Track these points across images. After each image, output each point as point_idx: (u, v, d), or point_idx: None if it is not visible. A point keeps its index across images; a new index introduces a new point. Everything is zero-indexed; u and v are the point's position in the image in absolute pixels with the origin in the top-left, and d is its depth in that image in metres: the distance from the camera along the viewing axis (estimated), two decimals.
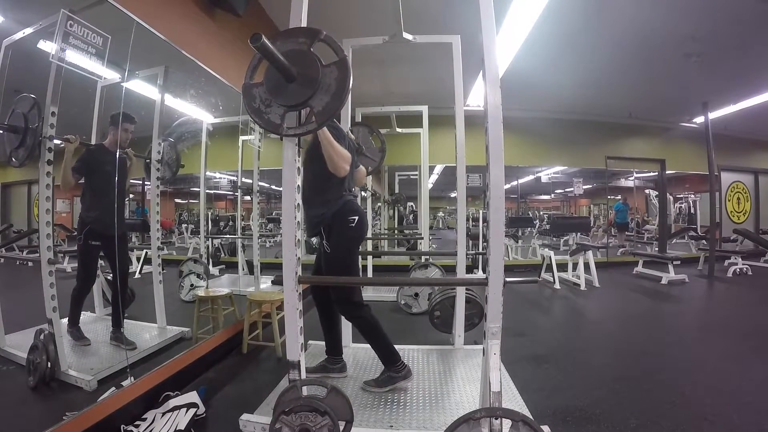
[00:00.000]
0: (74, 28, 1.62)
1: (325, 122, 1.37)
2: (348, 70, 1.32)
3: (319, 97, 1.32)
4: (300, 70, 1.32)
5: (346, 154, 1.77)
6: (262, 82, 1.38)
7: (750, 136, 7.86)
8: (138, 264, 3.41)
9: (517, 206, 12.51)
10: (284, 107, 1.36)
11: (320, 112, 1.33)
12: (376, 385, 1.93)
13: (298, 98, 1.33)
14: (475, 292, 2.62)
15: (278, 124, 1.36)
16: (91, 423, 1.55)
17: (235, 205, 6.18)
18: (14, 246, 2.35)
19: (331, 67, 1.33)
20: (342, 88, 1.31)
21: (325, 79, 1.32)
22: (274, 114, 1.37)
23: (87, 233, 1.90)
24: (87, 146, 2.12)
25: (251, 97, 1.40)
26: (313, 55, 1.34)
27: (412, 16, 2.41)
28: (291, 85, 1.33)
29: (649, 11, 3.49)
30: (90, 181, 2.09)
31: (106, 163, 2.16)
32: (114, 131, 2.16)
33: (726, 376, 2.27)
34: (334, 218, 1.88)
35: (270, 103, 1.37)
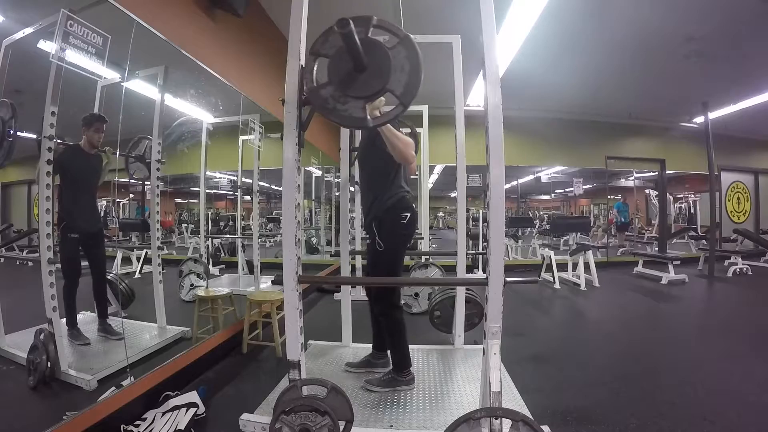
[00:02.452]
0: (74, 28, 1.62)
1: (410, 102, 1.32)
2: (415, 47, 1.29)
3: (396, 78, 1.29)
4: (368, 59, 1.29)
5: (410, 140, 1.75)
6: (329, 81, 1.34)
7: (750, 136, 7.86)
8: (138, 264, 3.41)
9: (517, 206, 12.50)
10: (362, 99, 1.32)
11: (403, 93, 1.29)
12: (377, 384, 1.94)
13: (375, 86, 1.30)
14: (475, 292, 2.62)
15: (362, 117, 1.33)
16: (91, 423, 1.55)
17: (235, 205, 6.18)
18: (14, 246, 2.35)
19: (397, 47, 1.31)
20: (416, 65, 1.28)
21: (396, 60, 1.29)
22: (353, 108, 1.33)
23: (64, 228, 1.95)
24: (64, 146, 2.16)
25: (322, 100, 1.36)
26: (375, 40, 1.32)
27: (412, 16, 2.42)
28: (362, 75, 1.30)
29: (649, 11, 3.49)
30: (66, 180, 2.14)
31: (81, 162, 2.24)
32: (86, 132, 2.23)
33: (726, 376, 2.26)
34: (387, 214, 1.88)
35: (345, 99, 1.33)
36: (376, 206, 1.90)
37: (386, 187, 1.90)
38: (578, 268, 5.05)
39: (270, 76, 3.41)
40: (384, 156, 1.81)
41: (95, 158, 2.29)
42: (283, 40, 3.56)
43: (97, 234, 2.44)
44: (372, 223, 1.91)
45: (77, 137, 2.24)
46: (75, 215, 2.17)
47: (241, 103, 3.21)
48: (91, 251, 2.44)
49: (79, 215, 2.22)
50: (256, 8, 3.27)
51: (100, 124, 2.25)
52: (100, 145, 2.26)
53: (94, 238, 2.41)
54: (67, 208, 2.10)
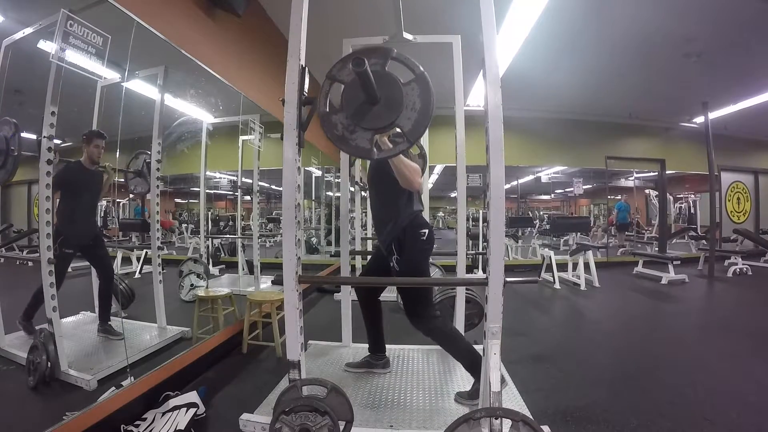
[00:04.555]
0: (74, 28, 1.62)
1: (417, 140, 1.36)
2: (429, 85, 1.31)
3: (405, 115, 1.32)
4: (382, 92, 1.32)
5: (417, 167, 1.73)
6: (341, 107, 1.37)
7: (750, 136, 7.86)
8: (138, 264, 3.41)
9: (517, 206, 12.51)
10: (371, 131, 1.34)
11: (410, 131, 1.32)
12: (469, 397, 1.82)
13: (385, 120, 1.33)
14: (475, 292, 2.62)
15: (368, 149, 1.35)
16: (91, 423, 1.55)
17: (235, 205, 6.18)
18: (14, 246, 2.35)
19: (411, 84, 1.33)
20: (427, 104, 1.31)
21: (408, 97, 1.32)
22: (361, 139, 1.35)
23: (61, 242, 1.96)
24: (65, 163, 2.22)
25: (332, 125, 1.38)
26: (391, 75, 1.34)
27: (412, 16, 2.41)
28: (375, 108, 1.33)
29: (649, 11, 3.50)
30: (66, 195, 2.17)
31: (82, 178, 2.27)
32: (86, 148, 2.26)
33: (726, 376, 2.27)
34: (405, 233, 1.86)
35: (354, 128, 1.36)
36: (393, 228, 1.87)
37: (400, 207, 1.87)
38: (578, 268, 5.05)
39: (270, 76, 3.41)
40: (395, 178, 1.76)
41: (96, 174, 2.32)
42: (283, 40, 3.56)
43: (94, 240, 2.44)
44: (391, 244, 1.88)
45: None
46: (72, 230, 2.18)
47: (241, 103, 3.21)
48: (92, 258, 2.47)
49: (76, 229, 2.23)
50: (256, 8, 3.27)
51: (100, 140, 2.28)
52: (101, 160, 2.29)
53: (92, 246, 2.43)
54: (66, 223, 2.11)
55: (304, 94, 1.45)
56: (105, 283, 2.47)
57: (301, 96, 1.43)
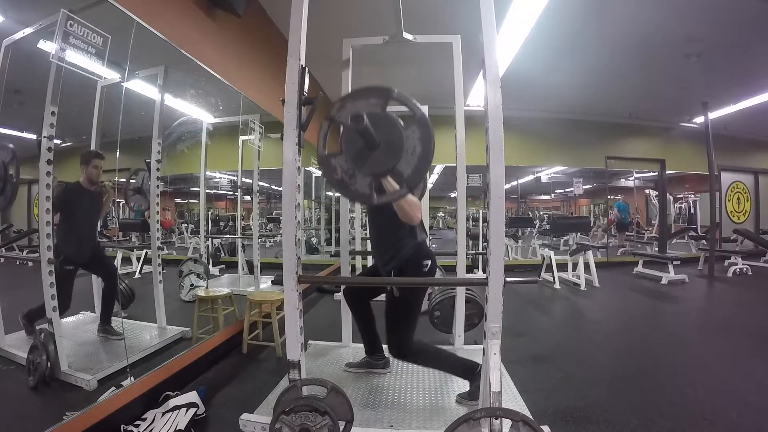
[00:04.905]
0: (74, 28, 1.62)
1: (416, 186, 1.34)
2: (429, 127, 1.29)
3: (405, 160, 1.30)
4: (382, 135, 1.29)
5: (417, 202, 1.64)
6: (340, 151, 1.35)
7: (750, 136, 7.86)
8: (138, 264, 3.41)
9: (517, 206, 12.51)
10: (370, 176, 1.32)
11: (410, 176, 1.30)
12: (469, 397, 1.83)
13: (384, 165, 1.31)
14: (475, 292, 2.62)
15: (368, 194, 1.34)
16: (91, 423, 1.55)
17: (235, 205, 6.18)
18: (14, 246, 2.35)
19: (412, 127, 1.30)
20: (428, 148, 1.29)
21: (408, 142, 1.30)
22: (360, 184, 1.34)
23: (62, 261, 1.98)
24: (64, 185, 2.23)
25: (331, 169, 1.36)
26: (391, 117, 1.32)
27: (412, 16, 2.41)
28: (375, 152, 1.31)
29: (649, 11, 3.49)
30: (66, 216, 2.17)
31: (81, 199, 2.27)
32: (85, 169, 2.25)
33: (726, 376, 2.27)
34: (407, 264, 1.81)
35: (354, 173, 1.34)
36: (395, 258, 1.81)
37: (401, 238, 1.80)
38: (578, 268, 5.05)
39: (270, 76, 3.41)
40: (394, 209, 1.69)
41: (95, 194, 2.32)
42: (283, 40, 3.56)
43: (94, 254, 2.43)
44: (390, 272, 1.83)
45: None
46: (73, 248, 2.17)
47: (241, 103, 3.21)
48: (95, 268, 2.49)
49: (77, 248, 2.23)
50: (256, 8, 3.27)
51: (98, 161, 2.28)
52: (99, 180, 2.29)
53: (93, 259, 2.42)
54: (66, 242, 2.10)
55: (304, 94, 1.44)
56: (109, 286, 2.47)
57: (301, 96, 1.43)
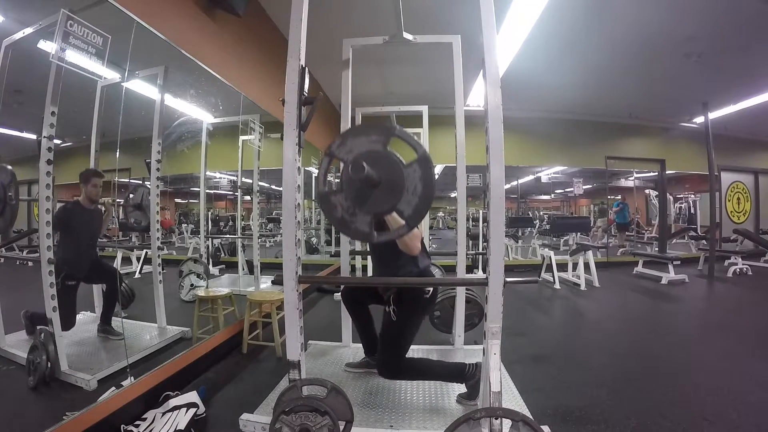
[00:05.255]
0: (74, 28, 1.62)
1: (416, 225, 1.33)
2: (431, 166, 1.28)
3: (406, 199, 1.29)
4: (382, 174, 1.28)
5: (417, 232, 1.62)
6: (341, 188, 1.33)
7: (750, 136, 7.86)
8: (138, 264, 3.41)
9: (517, 206, 12.51)
10: (371, 215, 1.32)
11: (411, 216, 1.29)
12: (468, 398, 1.83)
13: (385, 204, 1.30)
14: (475, 292, 2.62)
15: (368, 232, 1.33)
16: (91, 423, 1.55)
17: (235, 205, 6.18)
18: (14, 246, 2.35)
19: (413, 165, 1.29)
20: (429, 188, 1.28)
21: (409, 181, 1.28)
22: (361, 222, 1.33)
23: (63, 277, 1.99)
24: (63, 204, 2.23)
25: (331, 206, 1.35)
26: (392, 156, 1.31)
27: (412, 16, 2.41)
28: (375, 191, 1.29)
29: (649, 11, 3.49)
30: (66, 235, 2.16)
31: (81, 218, 2.26)
32: (84, 188, 2.25)
33: (726, 376, 2.26)
34: (409, 289, 1.79)
35: (354, 211, 1.33)
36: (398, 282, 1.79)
37: (405, 264, 1.78)
38: (578, 268, 5.05)
39: (270, 76, 3.41)
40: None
41: (95, 213, 2.31)
42: (283, 40, 3.56)
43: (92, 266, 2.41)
44: (391, 296, 1.79)
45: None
46: (73, 266, 2.17)
47: (241, 103, 3.21)
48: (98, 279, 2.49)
49: (77, 265, 2.22)
50: (256, 8, 3.27)
51: (97, 179, 2.27)
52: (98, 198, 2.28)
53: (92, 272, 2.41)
54: (67, 260, 2.09)
55: (304, 94, 1.44)
56: (111, 287, 2.46)
57: (301, 96, 1.43)
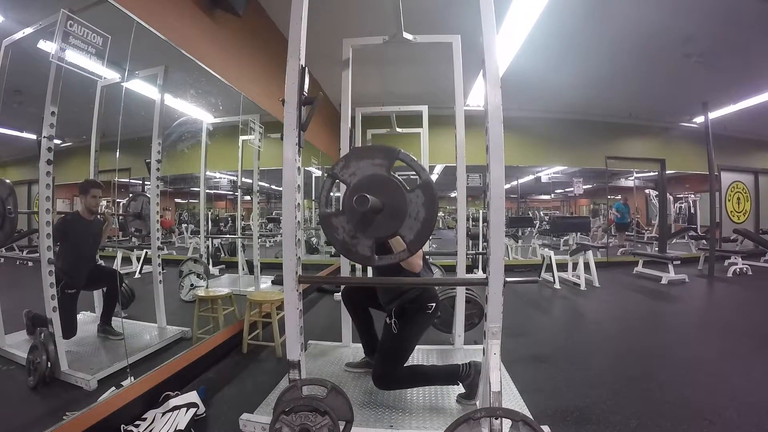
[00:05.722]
0: (74, 28, 1.62)
1: (417, 250, 1.33)
2: (434, 192, 1.28)
3: (408, 225, 1.29)
4: (385, 199, 1.28)
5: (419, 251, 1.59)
6: (342, 211, 1.33)
7: (750, 136, 7.86)
8: (138, 264, 3.41)
9: (517, 206, 12.51)
10: (372, 238, 1.32)
11: (412, 241, 1.29)
12: (467, 397, 1.83)
13: (387, 229, 1.30)
14: (475, 292, 2.62)
15: (368, 256, 1.33)
16: (91, 423, 1.55)
17: (235, 205, 6.18)
18: (14, 246, 2.35)
19: (416, 191, 1.28)
20: (431, 214, 1.28)
21: (412, 206, 1.28)
22: (362, 246, 1.33)
23: (63, 286, 1.99)
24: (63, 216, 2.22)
25: (332, 228, 1.35)
26: (395, 181, 1.30)
27: (412, 16, 2.41)
28: (378, 216, 1.30)
29: (649, 11, 3.49)
30: (66, 246, 2.16)
31: (80, 229, 2.26)
32: (84, 199, 2.24)
33: (726, 376, 2.26)
34: (412, 304, 1.79)
35: (355, 234, 1.33)
36: (400, 297, 1.78)
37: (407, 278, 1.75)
38: (578, 268, 5.05)
39: (270, 76, 3.41)
40: None
41: (95, 224, 2.31)
42: (283, 40, 3.56)
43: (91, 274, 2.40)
44: (392, 310, 1.80)
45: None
46: (73, 275, 2.17)
47: (241, 103, 3.21)
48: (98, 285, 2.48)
49: (77, 274, 2.23)
50: (256, 8, 3.27)
51: (96, 190, 2.26)
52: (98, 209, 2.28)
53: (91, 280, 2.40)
54: (66, 270, 2.09)
55: (304, 94, 1.44)
56: (111, 288, 2.46)
57: (301, 96, 1.43)
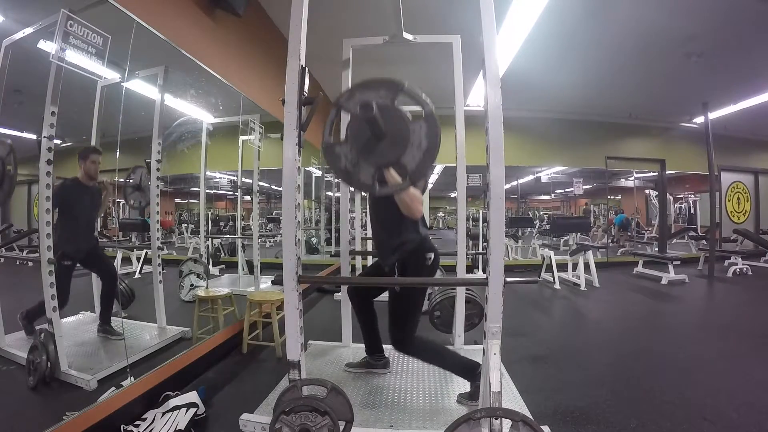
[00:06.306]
0: (74, 28, 1.62)
1: (418, 181, 1.35)
2: (437, 124, 1.29)
3: (410, 154, 1.30)
4: (389, 127, 1.29)
5: (419, 195, 1.63)
6: (346, 139, 1.35)
7: (750, 136, 7.87)
8: (138, 264, 3.41)
9: (517, 206, 12.51)
10: (375, 166, 1.33)
11: (414, 171, 1.30)
12: (469, 398, 1.82)
13: (389, 157, 1.31)
14: (475, 292, 2.62)
15: (370, 184, 1.34)
16: (91, 423, 1.55)
17: (235, 205, 6.18)
18: (14, 246, 2.35)
19: (420, 122, 1.30)
20: (433, 144, 1.29)
21: (415, 136, 1.30)
22: (364, 174, 1.34)
23: (60, 256, 1.97)
24: (62, 180, 2.21)
25: (335, 157, 1.36)
26: (399, 111, 1.32)
27: (412, 16, 2.41)
28: (380, 143, 1.31)
29: (649, 11, 3.50)
30: (64, 212, 2.16)
31: (79, 195, 2.26)
32: (83, 164, 2.25)
33: (726, 376, 2.27)
34: (410, 256, 1.82)
35: (357, 161, 1.34)
36: (398, 251, 1.82)
37: (403, 231, 1.81)
38: (578, 268, 5.05)
39: (270, 76, 3.41)
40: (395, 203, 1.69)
41: (93, 190, 2.31)
42: (283, 40, 3.56)
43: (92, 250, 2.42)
44: (394, 264, 1.83)
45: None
46: (71, 245, 2.16)
47: (241, 103, 3.21)
48: (93, 267, 2.49)
49: (75, 245, 2.22)
50: (256, 8, 3.27)
51: (96, 156, 2.28)
52: (97, 176, 2.28)
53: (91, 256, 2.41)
54: (64, 238, 2.09)
55: (304, 94, 1.44)
56: (108, 286, 2.47)
57: (301, 96, 1.43)
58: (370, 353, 2.21)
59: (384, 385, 2.01)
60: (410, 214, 1.62)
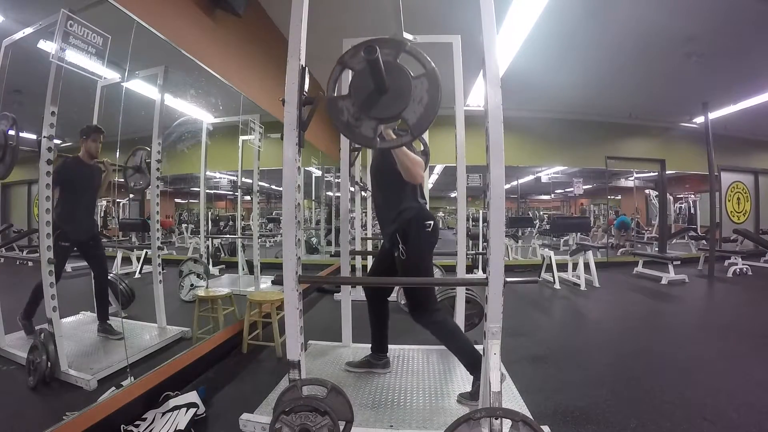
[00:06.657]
0: (74, 28, 1.62)
1: (420, 134, 1.36)
2: (438, 81, 1.31)
3: (412, 108, 1.32)
4: (391, 81, 1.32)
5: (420, 159, 1.75)
6: (349, 94, 1.37)
7: (750, 136, 7.86)
8: (138, 264, 3.41)
9: (517, 206, 12.52)
10: (376, 120, 1.35)
11: (415, 125, 1.32)
12: (470, 398, 1.80)
13: (391, 111, 1.33)
14: (475, 292, 2.62)
15: (371, 138, 1.35)
16: (91, 423, 1.55)
17: (235, 205, 6.18)
18: (14, 246, 2.35)
19: (421, 78, 1.32)
20: (434, 99, 1.31)
21: (416, 91, 1.32)
22: (366, 128, 1.36)
23: (58, 236, 1.96)
24: (63, 158, 2.20)
25: (338, 111, 1.38)
26: (402, 66, 1.34)
27: (412, 16, 2.42)
28: (383, 98, 1.33)
29: (649, 11, 3.50)
30: (65, 191, 2.16)
31: (80, 173, 2.27)
32: (84, 143, 2.26)
33: (726, 376, 2.27)
34: (410, 224, 1.87)
35: (359, 116, 1.36)
36: (398, 219, 1.88)
37: (403, 200, 1.89)
38: (578, 268, 5.05)
39: (270, 76, 3.41)
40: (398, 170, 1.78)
41: (94, 168, 2.32)
42: (283, 40, 3.56)
43: (92, 239, 2.43)
44: (395, 233, 1.88)
45: (77, 137, 2.24)
46: (70, 224, 2.16)
47: (241, 103, 3.21)
48: (89, 257, 2.47)
49: (74, 224, 2.22)
50: (256, 8, 3.27)
51: (97, 135, 2.28)
52: (99, 155, 2.29)
53: (90, 244, 2.42)
54: (63, 217, 2.09)
55: (304, 94, 1.45)
56: (100, 283, 2.47)
57: (301, 96, 1.43)
58: (376, 351, 2.21)
59: (384, 385, 2.01)
60: (411, 178, 1.70)
